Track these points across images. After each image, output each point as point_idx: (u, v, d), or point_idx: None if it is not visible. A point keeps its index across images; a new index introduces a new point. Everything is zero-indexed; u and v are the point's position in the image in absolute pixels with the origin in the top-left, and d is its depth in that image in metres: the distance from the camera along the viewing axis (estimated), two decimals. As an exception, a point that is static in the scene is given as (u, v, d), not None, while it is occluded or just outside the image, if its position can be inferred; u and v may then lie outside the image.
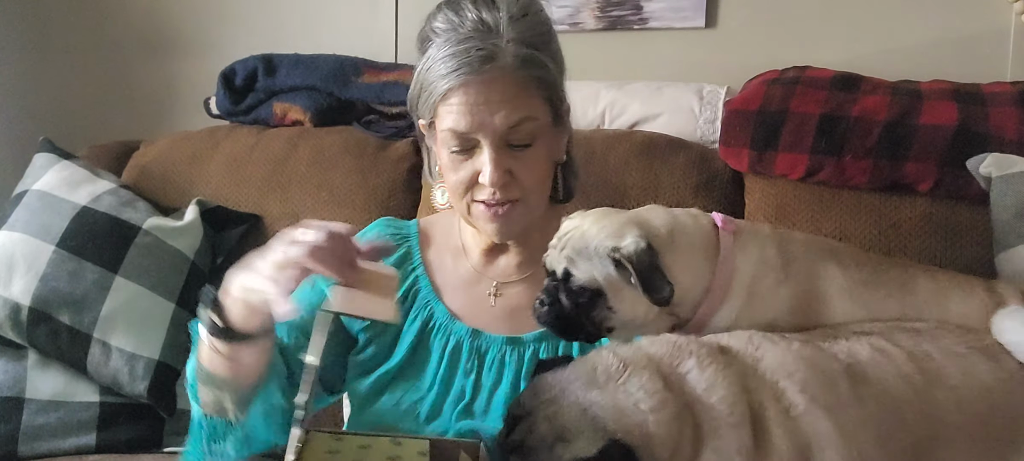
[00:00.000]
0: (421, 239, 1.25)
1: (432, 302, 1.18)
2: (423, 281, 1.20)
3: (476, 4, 1.05)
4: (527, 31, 1.04)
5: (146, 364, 1.59)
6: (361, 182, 1.70)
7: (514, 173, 1.07)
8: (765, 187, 1.51)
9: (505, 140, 1.05)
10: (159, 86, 2.34)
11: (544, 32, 1.08)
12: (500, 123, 1.03)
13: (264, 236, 1.74)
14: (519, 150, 1.06)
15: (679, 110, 1.70)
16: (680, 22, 1.87)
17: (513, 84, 1.02)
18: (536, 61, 1.04)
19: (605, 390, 0.77)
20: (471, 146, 1.06)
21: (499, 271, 1.20)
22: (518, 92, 1.03)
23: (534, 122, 1.05)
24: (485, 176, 1.05)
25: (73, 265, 1.61)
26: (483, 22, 1.03)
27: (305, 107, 1.86)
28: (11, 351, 1.63)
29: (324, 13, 2.16)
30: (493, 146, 1.04)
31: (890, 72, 1.57)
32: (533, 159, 1.08)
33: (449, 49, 1.02)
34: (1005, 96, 1.43)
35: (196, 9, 2.29)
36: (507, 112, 1.02)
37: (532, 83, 1.04)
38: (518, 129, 1.04)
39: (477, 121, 1.03)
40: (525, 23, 1.04)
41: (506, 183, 1.07)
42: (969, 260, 1.36)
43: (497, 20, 1.03)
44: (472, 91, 1.02)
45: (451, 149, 1.07)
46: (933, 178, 1.38)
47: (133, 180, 1.86)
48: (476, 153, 1.06)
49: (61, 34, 2.40)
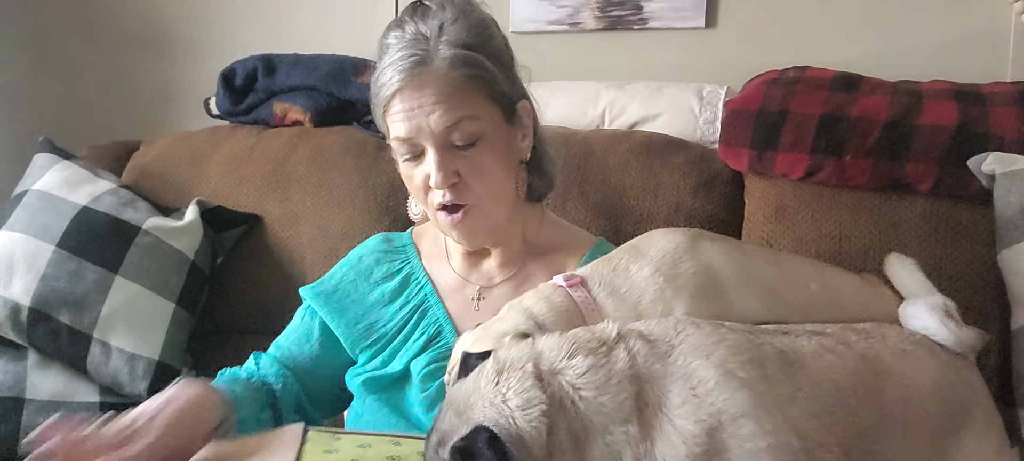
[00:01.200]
0: (418, 251, 1.27)
1: (442, 321, 1.19)
2: (432, 300, 1.21)
3: (415, 18, 1.08)
4: (461, 33, 1.06)
5: (146, 364, 1.59)
6: (361, 182, 1.70)
7: (462, 173, 1.08)
8: (765, 187, 1.51)
9: (446, 141, 1.07)
10: (159, 86, 2.34)
11: (480, 32, 1.09)
12: (436, 124, 1.05)
13: (264, 236, 1.74)
14: (464, 150, 1.07)
15: (679, 110, 1.70)
16: (680, 22, 1.87)
17: (446, 85, 1.05)
18: (469, 60, 1.06)
19: (482, 394, 0.79)
20: (419, 151, 1.09)
21: (482, 275, 1.21)
22: (452, 92, 1.05)
23: (474, 121, 1.06)
24: (433, 178, 1.07)
25: (73, 265, 1.61)
26: (419, 32, 1.06)
27: (305, 107, 1.86)
28: (11, 351, 1.63)
29: (324, 13, 2.16)
30: (435, 148, 1.07)
31: (890, 72, 1.56)
32: (480, 158, 1.08)
33: (388, 61, 1.07)
34: (1005, 96, 1.43)
35: (196, 9, 2.29)
36: (441, 113, 1.05)
37: (467, 82, 1.06)
38: (457, 129, 1.06)
39: (415, 125, 1.06)
40: (458, 26, 1.07)
41: (455, 184, 1.08)
42: (969, 259, 1.36)
43: (432, 28, 1.06)
44: (408, 96, 1.05)
45: (403, 157, 1.11)
46: (933, 178, 1.39)
47: (133, 180, 1.86)
48: (425, 158, 1.08)
49: (61, 34, 2.40)
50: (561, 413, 0.77)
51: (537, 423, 0.76)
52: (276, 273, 1.72)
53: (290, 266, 1.71)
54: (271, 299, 1.72)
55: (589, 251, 1.21)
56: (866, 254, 1.39)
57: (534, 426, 0.76)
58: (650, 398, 0.79)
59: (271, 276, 1.73)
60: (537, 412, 0.76)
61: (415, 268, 1.24)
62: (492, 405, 0.78)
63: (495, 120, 1.10)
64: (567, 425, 0.77)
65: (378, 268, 1.25)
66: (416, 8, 1.10)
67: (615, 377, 0.79)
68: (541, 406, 0.77)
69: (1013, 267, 1.28)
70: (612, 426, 0.77)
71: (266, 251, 1.74)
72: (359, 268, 1.26)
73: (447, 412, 0.81)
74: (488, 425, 0.76)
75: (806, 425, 0.80)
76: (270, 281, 1.73)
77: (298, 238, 1.71)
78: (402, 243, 1.29)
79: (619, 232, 1.50)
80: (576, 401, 0.78)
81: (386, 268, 1.25)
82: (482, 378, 0.81)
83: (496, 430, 0.75)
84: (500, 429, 0.75)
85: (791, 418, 0.80)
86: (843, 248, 1.41)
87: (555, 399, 0.78)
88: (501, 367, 0.81)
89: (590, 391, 0.78)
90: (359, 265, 1.27)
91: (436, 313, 1.19)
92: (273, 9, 2.22)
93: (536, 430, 0.76)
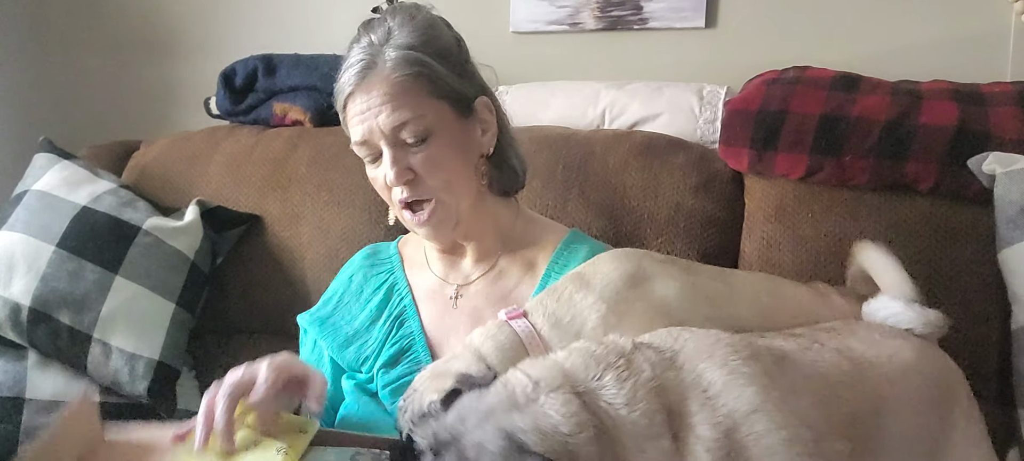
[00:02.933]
0: (402, 259, 1.29)
1: (415, 334, 1.20)
2: (410, 311, 1.22)
3: (367, 29, 1.14)
4: (405, 36, 1.11)
5: (146, 364, 1.59)
6: (361, 182, 1.68)
7: (416, 169, 1.11)
8: (765, 187, 1.51)
9: (397, 139, 1.10)
10: (159, 86, 2.34)
11: (424, 33, 1.13)
12: (384, 123, 1.09)
13: (264, 236, 1.74)
14: (416, 147, 1.11)
15: (679, 110, 1.70)
16: (680, 22, 1.87)
17: (391, 86, 1.09)
18: (411, 60, 1.10)
19: (525, 413, 0.76)
20: (377, 153, 1.13)
21: (459, 274, 1.23)
22: (397, 93, 1.09)
23: (422, 119, 1.10)
24: (388, 176, 1.11)
25: (73, 265, 1.61)
26: (370, 41, 1.12)
27: (305, 107, 1.86)
28: (11, 351, 1.63)
29: (324, 13, 2.16)
30: (388, 145, 1.11)
31: (890, 72, 1.57)
32: (432, 153, 1.11)
33: (343, 69, 1.13)
34: (1005, 96, 1.43)
35: (196, 9, 2.29)
36: (388, 112, 1.09)
37: (411, 81, 1.09)
38: (406, 127, 1.09)
39: (368, 127, 1.10)
40: (404, 30, 1.12)
41: (410, 181, 1.12)
42: (969, 259, 1.36)
43: (380, 35, 1.12)
44: (359, 100, 1.11)
45: (365, 159, 1.16)
46: (933, 178, 1.39)
47: (133, 180, 1.86)
48: (383, 158, 1.12)
49: (61, 34, 2.40)
50: (605, 436, 0.75)
51: (589, 449, 0.74)
52: (276, 273, 1.72)
53: (290, 266, 1.71)
54: (271, 299, 1.72)
55: (561, 243, 1.23)
56: (866, 254, 1.39)
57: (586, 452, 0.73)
58: (674, 407, 0.78)
59: (271, 276, 1.73)
60: (587, 438, 0.74)
61: (398, 278, 1.26)
62: (542, 431, 0.74)
63: (444, 116, 1.12)
64: (611, 448, 0.75)
65: (367, 285, 1.27)
66: (370, 21, 1.16)
67: (641, 390, 0.78)
68: (590, 431, 0.75)
69: (1013, 267, 1.28)
70: (645, 443, 0.76)
71: (266, 251, 1.74)
72: (351, 289, 1.28)
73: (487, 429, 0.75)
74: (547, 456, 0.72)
75: (812, 415, 0.81)
76: (270, 281, 1.73)
77: (298, 238, 1.71)
78: (388, 254, 1.31)
79: (619, 232, 1.50)
80: (616, 422, 0.77)
81: (373, 284, 1.27)
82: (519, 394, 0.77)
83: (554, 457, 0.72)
84: (557, 456, 0.72)
85: (797, 409, 0.80)
86: (843, 248, 1.41)
87: (597, 421, 0.76)
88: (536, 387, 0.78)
89: (624, 410, 0.77)
90: (350, 286, 1.29)
91: (410, 326, 1.20)
92: (273, 9, 2.22)
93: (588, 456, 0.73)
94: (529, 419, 0.75)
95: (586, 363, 0.81)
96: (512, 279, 1.21)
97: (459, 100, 1.14)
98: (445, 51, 1.14)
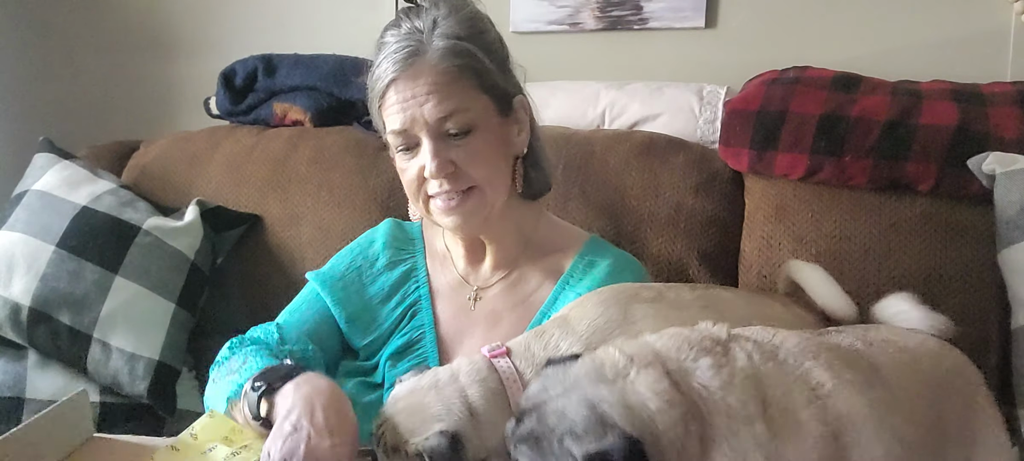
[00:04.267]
0: (425, 246, 1.27)
1: (426, 327, 1.19)
2: (425, 303, 1.21)
3: (410, 16, 1.11)
4: (454, 26, 1.08)
5: (146, 364, 1.59)
6: (361, 182, 1.70)
7: (457, 163, 1.09)
8: (765, 187, 1.51)
9: (441, 130, 1.08)
10: (159, 86, 2.34)
11: (473, 25, 1.11)
12: (430, 114, 1.06)
13: (264, 236, 1.74)
14: (458, 139, 1.08)
15: (679, 110, 1.70)
16: (680, 22, 1.87)
17: (439, 74, 1.06)
18: (461, 50, 1.07)
19: (613, 387, 0.75)
20: (414, 143, 1.10)
21: (480, 276, 1.22)
22: (446, 82, 1.06)
23: (467, 111, 1.08)
24: (428, 168, 1.08)
25: (73, 265, 1.61)
26: (414, 27, 1.09)
27: (305, 107, 1.86)
28: (11, 351, 1.63)
29: (324, 13, 2.16)
30: (430, 137, 1.08)
31: (890, 72, 1.57)
32: (474, 147, 1.09)
33: (383, 55, 1.09)
34: (1005, 96, 1.43)
35: (196, 9, 2.29)
36: (435, 102, 1.06)
37: (460, 72, 1.07)
38: (451, 118, 1.07)
39: (409, 116, 1.07)
40: (451, 20, 1.09)
41: (451, 173, 1.09)
42: (969, 259, 1.36)
43: (426, 23, 1.08)
44: (401, 87, 1.07)
45: (398, 149, 1.12)
46: (933, 178, 1.39)
47: (133, 180, 1.86)
48: (420, 150, 1.09)
49: (61, 34, 2.40)
50: (694, 417, 0.74)
51: (677, 427, 0.72)
52: (276, 273, 1.72)
53: (290, 266, 1.71)
54: (271, 299, 1.71)
55: (582, 248, 1.22)
56: (866, 254, 1.39)
57: (673, 430, 0.72)
58: (772, 398, 0.77)
59: (271, 276, 1.73)
60: (677, 415, 0.73)
61: (418, 264, 1.25)
62: (629, 406, 0.73)
63: (488, 111, 1.11)
64: (698, 430, 0.74)
65: (384, 254, 1.25)
66: (411, 8, 1.12)
67: (738, 376, 0.77)
68: (681, 408, 0.73)
69: (1013, 267, 1.28)
70: (738, 426, 0.74)
71: (266, 251, 1.74)
72: (367, 254, 1.26)
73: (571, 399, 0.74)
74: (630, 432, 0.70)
75: (904, 431, 0.81)
76: (270, 281, 1.73)
77: (298, 238, 1.71)
78: (412, 234, 1.29)
79: (619, 232, 1.50)
80: (708, 404, 0.75)
81: (391, 256, 1.25)
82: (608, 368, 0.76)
83: (637, 435, 0.70)
84: (641, 434, 0.71)
85: (894, 425, 0.80)
86: (843, 248, 1.41)
87: (688, 401, 0.74)
88: (628, 363, 0.76)
89: (719, 392, 0.75)
90: (368, 251, 1.26)
91: (422, 319, 1.20)
92: (273, 9, 2.22)
93: (675, 434, 0.72)
94: (616, 393, 0.74)
95: (679, 345, 0.80)
96: (531, 284, 1.19)
97: (501, 97, 1.13)
98: (492, 46, 1.12)
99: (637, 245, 1.49)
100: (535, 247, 1.22)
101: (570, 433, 0.72)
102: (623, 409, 0.73)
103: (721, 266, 1.50)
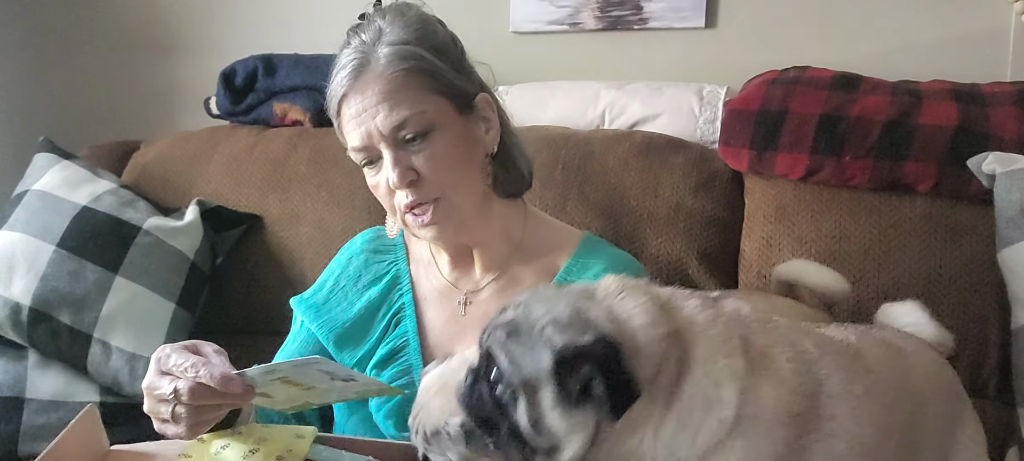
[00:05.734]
0: (407, 252, 1.25)
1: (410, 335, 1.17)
2: (408, 310, 1.19)
3: (358, 31, 1.10)
4: (399, 32, 1.07)
5: (146, 364, 1.57)
6: (361, 182, 1.67)
7: (419, 169, 1.06)
8: (765, 187, 1.51)
9: (397, 138, 1.05)
10: (159, 86, 2.34)
11: (419, 27, 1.09)
12: (383, 123, 1.04)
13: (264, 236, 1.75)
14: (417, 144, 1.06)
15: (679, 110, 1.70)
16: (680, 22, 1.87)
17: (387, 82, 1.04)
18: (407, 54, 1.05)
19: (602, 303, 0.77)
20: (376, 156, 1.08)
21: (469, 281, 1.19)
22: (395, 88, 1.04)
23: (422, 115, 1.05)
24: (391, 178, 1.06)
25: (73, 265, 1.61)
26: (361, 41, 1.08)
27: (305, 107, 1.86)
28: (11, 351, 1.63)
29: (324, 13, 2.16)
30: (388, 147, 1.06)
31: (890, 72, 1.57)
32: (434, 149, 1.06)
33: (334, 74, 1.08)
34: (1005, 96, 1.43)
35: (196, 9, 2.29)
36: (387, 110, 1.04)
37: (408, 75, 1.05)
38: (406, 125, 1.05)
39: (365, 130, 1.06)
40: (398, 25, 1.07)
41: (413, 181, 1.06)
42: (969, 259, 1.36)
43: (371, 34, 1.07)
44: (353, 102, 1.06)
45: (362, 164, 1.11)
46: (933, 178, 1.39)
47: (133, 180, 1.86)
48: (383, 162, 1.08)
49: (61, 34, 2.40)
50: (676, 342, 0.75)
51: (658, 345, 0.74)
52: (276, 273, 1.72)
53: (290, 266, 1.71)
54: (271, 299, 1.72)
55: (577, 247, 1.19)
56: (866, 254, 1.39)
57: (654, 346, 0.74)
58: (755, 343, 0.78)
59: (271, 276, 1.73)
60: (660, 334, 0.74)
61: (401, 271, 1.22)
62: (614, 317, 0.75)
63: (445, 111, 1.08)
64: (677, 354, 0.75)
65: (366, 271, 1.23)
66: (357, 24, 1.12)
67: (723, 318, 0.79)
68: (664, 329, 0.75)
69: (1013, 267, 1.28)
70: (717, 357, 0.75)
71: (266, 251, 1.74)
72: (348, 272, 1.24)
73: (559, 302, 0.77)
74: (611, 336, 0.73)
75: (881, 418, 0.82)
76: (270, 281, 1.73)
77: (298, 238, 1.71)
78: (393, 242, 1.26)
79: (619, 232, 1.50)
80: (691, 331, 0.77)
81: (374, 271, 1.23)
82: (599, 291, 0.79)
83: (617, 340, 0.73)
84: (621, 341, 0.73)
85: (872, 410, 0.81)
86: (843, 248, 1.41)
87: (673, 327, 0.76)
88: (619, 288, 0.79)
89: (703, 324, 0.77)
90: (348, 268, 1.25)
91: (406, 326, 1.17)
92: (273, 9, 2.22)
93: (655, 351, 0.74)
94: (604, 308, 0.76)
95: (672, 292, 0.82)
96: (525, 286, 1.16)
97: (459, 96, 1.10)
98: (441, 46, 1.10)
99: (636, 245, 1.49)
100: (526, 248, 1.20)
101: (554, 323, 0.74)
102: (608, 317, 0.75)
103: (721, 266, 1.50)
